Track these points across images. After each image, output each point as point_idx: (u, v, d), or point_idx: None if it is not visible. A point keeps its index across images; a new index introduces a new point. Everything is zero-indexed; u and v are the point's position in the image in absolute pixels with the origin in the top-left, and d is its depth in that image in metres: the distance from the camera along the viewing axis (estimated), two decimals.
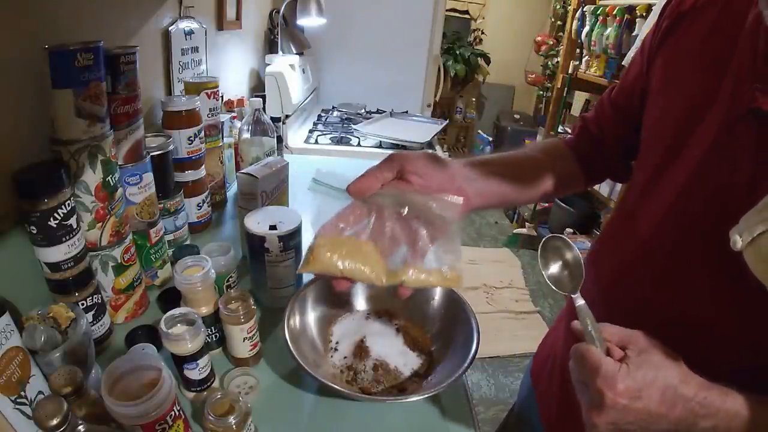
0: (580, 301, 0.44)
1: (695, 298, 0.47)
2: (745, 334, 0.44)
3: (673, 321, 0.50)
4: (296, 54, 1.79)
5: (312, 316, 0.67)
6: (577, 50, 2.75)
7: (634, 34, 2.16)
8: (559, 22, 3.91)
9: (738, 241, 0.36)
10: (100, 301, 0.60)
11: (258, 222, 0.70)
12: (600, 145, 0.65)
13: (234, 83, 1.50)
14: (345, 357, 0.64)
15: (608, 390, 0.38)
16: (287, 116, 1.55)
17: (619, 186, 2.28)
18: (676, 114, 0.50)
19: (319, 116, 1.96)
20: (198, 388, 0.56)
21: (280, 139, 1.09)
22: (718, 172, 0.45)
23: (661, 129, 0.53)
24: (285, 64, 1.59)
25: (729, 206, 0.41)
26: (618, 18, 2.24)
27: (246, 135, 1.01)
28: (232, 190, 1.15)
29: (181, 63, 1.05)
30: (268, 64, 1.57)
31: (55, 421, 0.38)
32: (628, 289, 0.55)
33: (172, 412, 0.44)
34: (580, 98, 3.25)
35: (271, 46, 1.82)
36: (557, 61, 3.21)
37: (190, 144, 0.86)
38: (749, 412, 0.38)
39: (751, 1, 0.42)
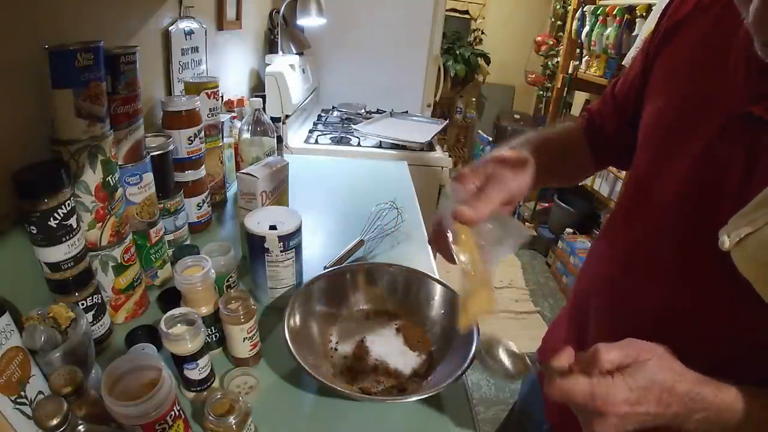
0: (534, 369, 0.45)
1: (692, 296, 0.48)
2: (741, 328, 0.44)
3: (671, 317, 0.50)
4: (296, 54, 1.79)
5: (312, 316, 0.67)
6: (577, 50, 2.75)
7: (634, 34, 2.16)
8: (559, 22, 3.91)
9: (726, 241, 0.37)
10: (100, 301, 0.60)
11: (258, 222, 0.70)
12: (603, 136, 0.66)
13: (234, 83, 1.50)
14: (345, 357, 0.64)
15: (610, 407, 0.38)
16: (287, 116, 1.55)
17: (619, 186, 2.28)
18: (671, 115, 0.51)
19: (319, 116, 1.96)
20: (198, 388, 0.56)
21: (280, 139, 1.09)
22: (710, 174, 0.45)
23: (657, 130, 0.53)
24: (285, 64, 1.59)
25: (720, 207, 0.42)
26: (618, 18, 2.24)
27: (246, 135, 1.01)
28: (232, 190, 1.15)
29: (181, 63, 1.05)
30: (268, 64, 1.58)
31: (55, 421, 0.38)
32: (628, 285, 0.55)
33: (172, 412, 0.44)
34: (580, 98, 3.25)
35: (271, 46, 1.82)
36: (557, 61, 3.21)
37: (190, 144, 0.86)
38: (742, 405, 0.39)
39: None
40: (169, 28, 0.99)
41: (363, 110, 2.04)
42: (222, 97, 1.20)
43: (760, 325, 0.42)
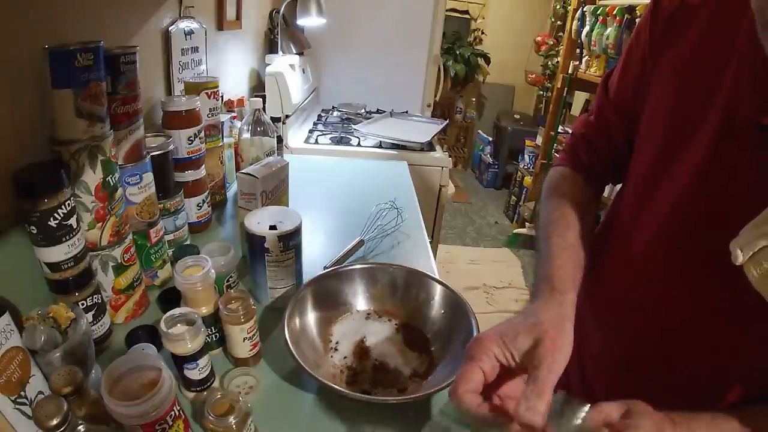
0: None
1: (696, 303, 0.47)
2: (747, 338, 0.44)
3: (674, 327, 0.49)
4: (296, 54, 1.79)
5: (312, 316, 0.67)
6: (577, 50, 2.75)
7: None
8: (559, 22, 3.91)
9: (739, 255, 0.36)
10: (100, 301, 0.60)
11: (258, 222, 0.70)
12: (601, 157, 0.64)
13: (234, 83, 1.50)
14: (345, 357, 0.64)
15: None
16: (287, 116, 1.55)
17: (618, 186, 2.28)
18: (672, 117, 0.50)
19: (319, 116, 1.96)
20: (198, 388, 0.56)
21: (280, 139, 1.09)
22: (715, 183, 0.44)
23: (657, 132, 0.52)
24: (285, 64, 1.59)
25: (727, 217, 0.41)
26: (618, 18, 2.24)
27: (246, 135, 1.01)
28: (232, 190, 1.15)
29: (181, 63, 1.05)
30: (268, 64, 1.57)
31: (55, 421, 0.38)
32: (628, 293, 0.55)
33: (172, 412, 0.44)
34: (580, 98, 3.25)
35: (271, 46, 1.82)
36: (557, 61, 3.21)
37: (190, 144, 0.86)
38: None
39: (745, 4, 0.40)
40: (169, 28, 0.99)
41: (363, 110, 2.04)
42: (222, 97, 1.20)
43: (765, 335, 0.42)
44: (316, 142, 1.61)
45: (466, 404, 0.40)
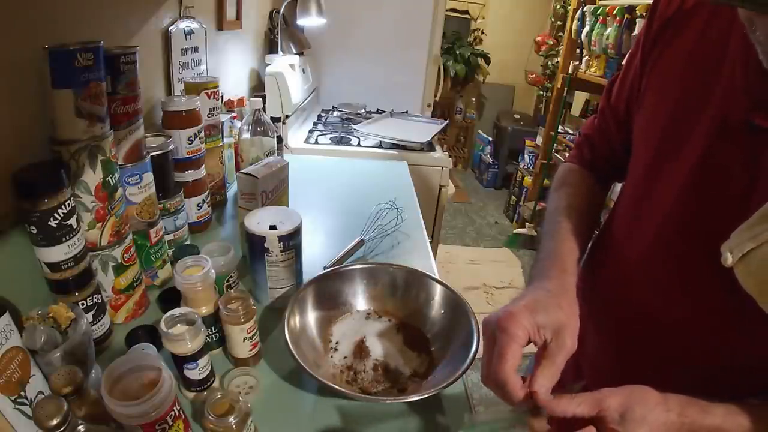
0: None
1: (691, 306, 0.47)
2: (741, 339, 0.44)
3: (670, 328, 0.49)
4: (296, 54, 1.79)
5: (312, 316, 0.67)
6: (577, 50, 2.75)
7: (634, 34, 2.16)
8: (559, 22, 3.91)
9: (728, 258, 0.36)
10: (100, 301, 0.60)
11: (258, 222, 0.70)
12: (605, 159, 0.67)
13: (234, 83, 1.50)
14: (345, 357, 0.64)
15: None
16: (287, 116, 1.55)
17: (618, 186, 2.28)
18: (666, 120, 0.50)
19: (319, 116, 1.96)
20: (198, 388, 0.56)
21: (280, 139, 1.09)
22: (711, 179, 0.44)
23: (652, 134, 0.52)
24: (285, 64, 1.59)
25: (722, 218, 0.41)
26: (618, 18, 2.24)
27: (246, 135, 1.01)
28: (232, 190, 1.15)
29: (181, 63, 1.05)
30: (268, 64, 1.57)
31: (55, 421, 0.38)
32: (626, 295, 0.55)
33: (172, 412, 0.44)
34: (580, 98, 3.25)
35: (271, 46, 1.82)
36: (557, 61, 3.21)
37: (190, 144, 0.86)
38: (731, 423, 0.40)
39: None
40: (169, 28, 0.99)
41: (363, 110, 2.04)
42: (222, 97, 1.20)
43: (759, 336, 0.42)
44: (316, 142, 1.61)
45: (512, 384, 0.40)
